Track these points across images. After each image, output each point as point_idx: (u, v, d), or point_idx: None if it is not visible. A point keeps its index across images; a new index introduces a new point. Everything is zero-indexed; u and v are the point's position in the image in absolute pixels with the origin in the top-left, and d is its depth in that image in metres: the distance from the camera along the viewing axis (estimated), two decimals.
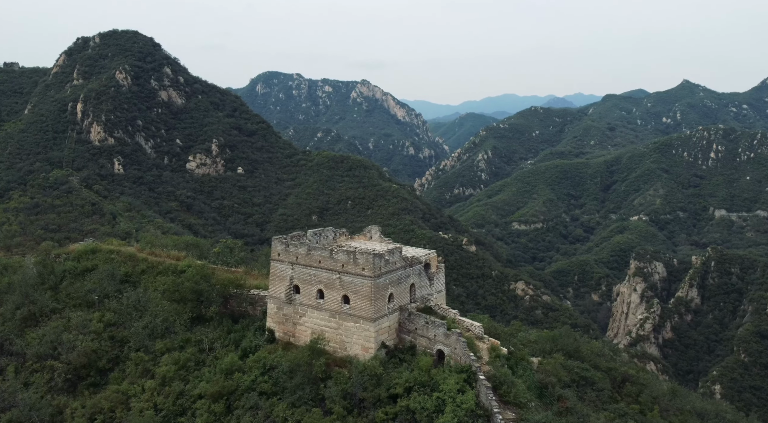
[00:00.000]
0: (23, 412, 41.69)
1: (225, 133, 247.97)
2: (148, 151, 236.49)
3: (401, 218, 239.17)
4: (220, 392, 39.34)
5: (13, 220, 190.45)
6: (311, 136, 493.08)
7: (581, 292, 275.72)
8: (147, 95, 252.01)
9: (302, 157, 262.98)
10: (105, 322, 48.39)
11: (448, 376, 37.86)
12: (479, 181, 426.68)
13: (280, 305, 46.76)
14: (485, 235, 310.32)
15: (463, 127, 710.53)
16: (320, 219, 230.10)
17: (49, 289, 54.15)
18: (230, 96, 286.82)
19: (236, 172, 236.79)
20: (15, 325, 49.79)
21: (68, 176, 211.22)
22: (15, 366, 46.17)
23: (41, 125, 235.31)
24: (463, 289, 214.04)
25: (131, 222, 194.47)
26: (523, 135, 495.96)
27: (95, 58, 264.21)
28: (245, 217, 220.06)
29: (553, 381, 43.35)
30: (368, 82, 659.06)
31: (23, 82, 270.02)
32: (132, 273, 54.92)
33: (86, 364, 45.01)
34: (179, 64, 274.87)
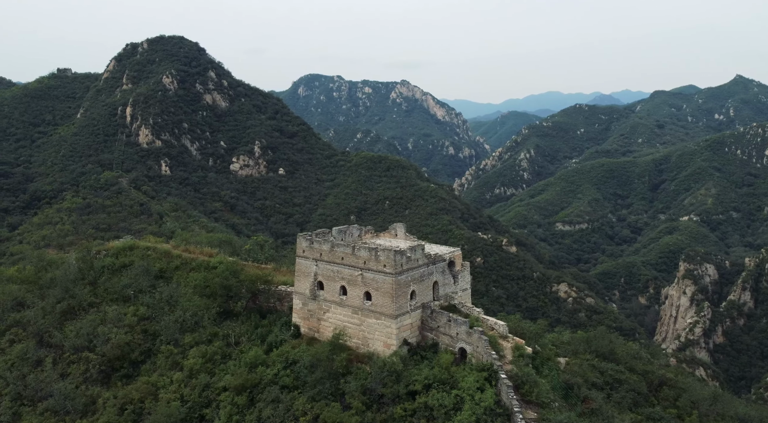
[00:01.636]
0: (58, 401, 43.62)
1: (267, 135, 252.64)
2: (193, 153, 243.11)
3: (439, 218, 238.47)
4: (243, 385, 40.18)
5: (66, 220, 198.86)
6: (351, 137, 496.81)
7: (628, 295, 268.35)
8: (192, 99, 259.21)
9: (341, 157, 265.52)
10: (138, 316, 50.12)
11: (467, 374, 37.56)
12: (521, 181, 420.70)
13: (305, 301, 47.36)
14: (527, 235, 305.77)
15: (505, 126, 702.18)
16: (358, 219, 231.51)
17: (89, 284, 56.42)
18: (272, 99, 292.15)
19: (278, 173, 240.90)
20: (55, 318, 52.12)
21: (118, 178, 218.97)
22: (53, 357, 48.30)
23: (93, 129, 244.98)
24: (503, 291, 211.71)
25: (177, 222, 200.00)
26: (567, 133, 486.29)
27: (143, 64, 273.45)
28: (286, 217, 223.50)
29: (579, 382, 42.42)
30: (408, 83, 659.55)
31: (76, 87, 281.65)
32: (166, 269, 56.64)
33: (120, 356, 46.72)
34: (223, 67, 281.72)
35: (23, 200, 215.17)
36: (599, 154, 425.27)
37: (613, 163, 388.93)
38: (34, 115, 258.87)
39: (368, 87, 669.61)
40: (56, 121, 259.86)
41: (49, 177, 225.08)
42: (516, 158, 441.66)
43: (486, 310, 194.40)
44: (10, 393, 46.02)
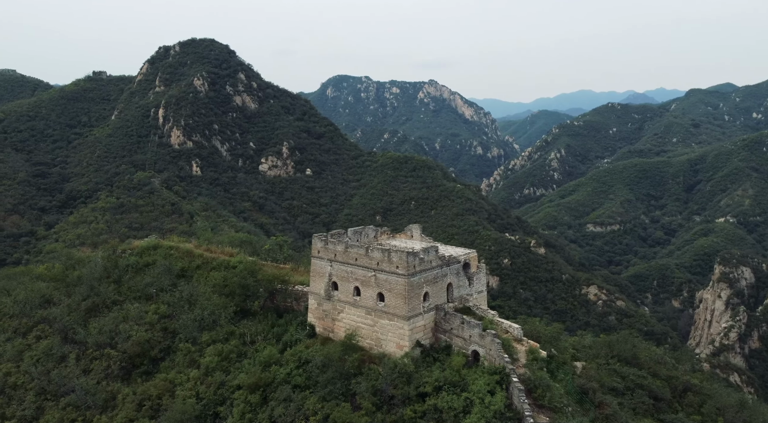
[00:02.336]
0: (80, 396, 44.90)
1: (295, 136, 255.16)
2: (223, 154, 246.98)
3: (465, 219, 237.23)
4: (257, 383, 40.71)
5: (101, 219, 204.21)
6: (378, 138, 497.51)
7: (660, 298, 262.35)
8: (222, 100, 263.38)
9: (367, 158, 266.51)
10: (159, 314, 51.20)
11: (478, 377, 37.33)
12: (551, 181, 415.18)
13: (320, 301, 47.74)
14: (557, 237, 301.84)
15: (535, 125, 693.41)
16: (384, 219, 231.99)
17: (113, 282, 57.92)
18: (300, 100, 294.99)
19: (305, 173, 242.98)
20: (80, 315, 53.65)
21: (150, 178, 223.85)
22: (77, 353, 49.74)
23: (126, 130, 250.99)
24: (531, 293, 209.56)
25: (207, 221, 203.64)
26: (598, 132, 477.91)
27: (175, 66, 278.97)
28: (313, 216, 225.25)
29: (595, 386, 41.73)
30: (436, 82, 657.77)
31: (110, 89, 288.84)
32: (188, 268, 57.71)
33: (140, 353, 47.84)
34: (252, 70, 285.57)
35: (59, 200, 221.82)
36: (632, 153, 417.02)
37: (646, 163, 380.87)
38: (70, 117, 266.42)
39: (396, 87, 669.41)
40: (92, 123, 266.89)
41: (85, 177, 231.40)
42: (546, 158, 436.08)
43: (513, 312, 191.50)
44: (34, 388, 47.60)
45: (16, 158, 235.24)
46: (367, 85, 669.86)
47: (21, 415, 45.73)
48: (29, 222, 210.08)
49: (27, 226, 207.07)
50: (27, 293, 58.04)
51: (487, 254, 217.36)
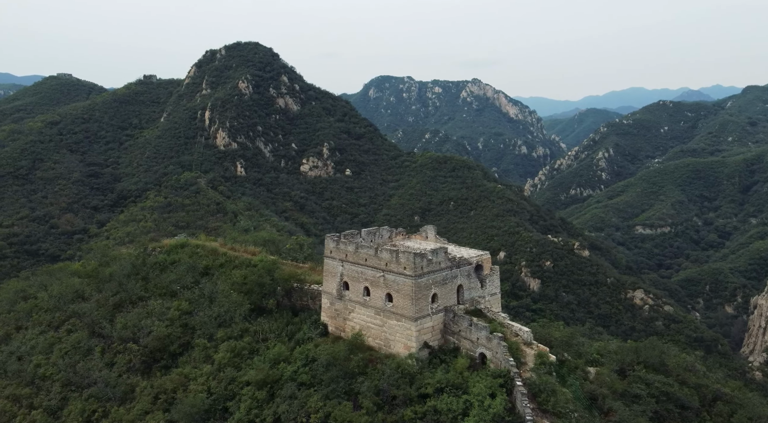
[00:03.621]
0: (101, 389, 46.97)
1: (335, 137, 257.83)
2: (266, 155, 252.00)
3: (506, 220, 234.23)
4: (264, 380, 41.57)
5: (149, 218, 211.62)
6: (419, 138, 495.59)
7: (713, 304, 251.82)
8: (266, 103, 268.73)
9: (406, 158, 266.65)
10: (181, 310, 52.89)
11: (480, 380, 37.08)
12: (599, 181, 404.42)
13: (332, 301, 48.32)
14: (603, 239, 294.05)
15: (583, 124, 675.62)
16: (422, 219, 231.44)
17: (141, 279, 60.18)
18: (341, 101, 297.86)
19: (344, 173, 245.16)
20: (107, 310, 56.03)
21: (197, 178, 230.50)
22: (102, 347, 52.02)
23: (174, 132, 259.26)
24: (574, 297, 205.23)
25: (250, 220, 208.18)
26: (649, 131, 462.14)
27: (221, 69, 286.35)
28: (352, 216, 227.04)
29: (605, 392, 40.71)
30: (479, 81, 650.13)
31: (160, 92, 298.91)
32: (212, 266, 59.36)
33: (160, 348, 49.57)
34: (295, 72, 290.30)
35: (111, 199, 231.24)
36: (684, 153, 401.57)
37: (699, 163, 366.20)
38: (122, 119, 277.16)
39: (438, 87, 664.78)
40: (142, 125, 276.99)
41: (135, 177, 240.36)
42: (593, 157, 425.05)
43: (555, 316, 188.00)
44: (60, 379, 50.02)
45: (71, 159, 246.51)
46: (409, 85, 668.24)
47: (47, 405, 48.19)
48: (82, 220, 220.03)
49: (80, 224, 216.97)
50: (61, 288, 61.03)
51: (528, 256, 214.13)
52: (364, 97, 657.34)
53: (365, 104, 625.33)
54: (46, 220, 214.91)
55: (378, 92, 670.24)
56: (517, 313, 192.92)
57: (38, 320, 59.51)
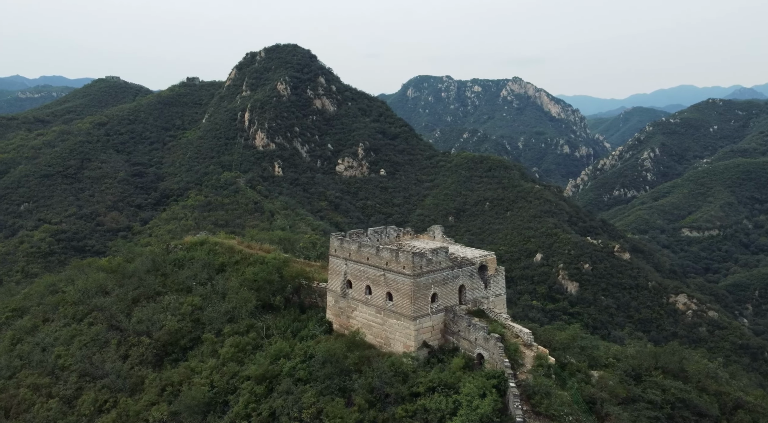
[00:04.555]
0: (113, 380, 48.85)
1: (370, 138, 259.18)
2: (303, 155, 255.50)
3: (543, 221, 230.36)
4: (264, 375, 42.37)
5: (190, 216, 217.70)
6: (457, 137, 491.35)
7: (762, 310, 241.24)
8: (303, 104, 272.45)
9: (441, 158, 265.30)
10: (194, 305, 54.44)
11: (472, 380, 36.88)
12: (644, 182, 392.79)
13: (337, 299, 48.83)
14: (647, 241, 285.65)
15: (629, 123, 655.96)
16: (457, 220, 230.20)
17: (161, 275, 62.21)
18: (377, 102, 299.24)
19: (379, 173, 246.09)
20: (126, 304, 58.14)
21: (236, 178, 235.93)
22: (118, 340, 54.03)
23: (215, 132, 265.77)
24: (614, 300, 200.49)
25: (286, 219, 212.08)
26: (697, 131, 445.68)
27: (261, 71, 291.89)
28: (386, 216, 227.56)
29: (605, 396, 39.78)
30: (520, 80, 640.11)
31: (202, 94, 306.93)
32: (227, 263, 60.80)
33: (171, 341, 51.13)
34: (332, 73, 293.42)
35: (154, 197, 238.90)
36: (735, 153, 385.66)
37: (750, 164, 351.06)
38: (166, 121, 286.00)
39: (478, 85, 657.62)
40: (185, 126, 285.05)
41: (177, 177, 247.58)
42: (638, 157, 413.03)
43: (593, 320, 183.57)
44: (77, 370, 52.18)
45: (117, 159, 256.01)
46: (448, 85, 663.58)
47: (63, 394, 50.39)
48: (127, 218, 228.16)
49: (125, 221, 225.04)
50: (86, 283, 63.66)
51: (566, 259, 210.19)
52: (402, 97, 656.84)
53: (403, 104, 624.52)
54: (93, 218, 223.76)
55: (416, 92, 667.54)
56: (554, 316, 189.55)
57: (63, 313, 62.28)
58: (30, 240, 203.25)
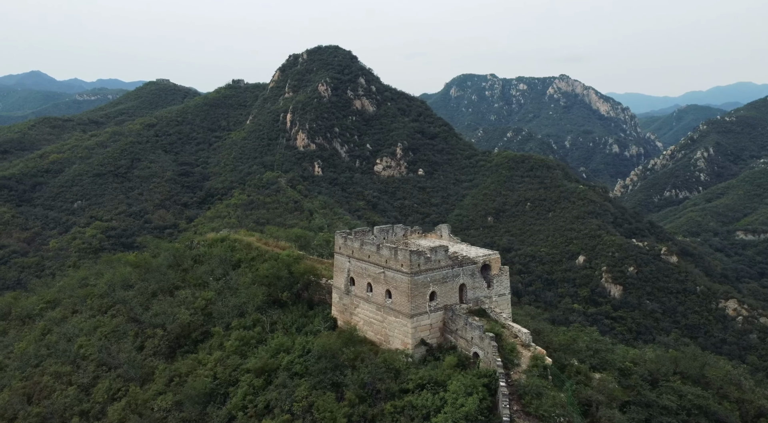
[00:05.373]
0: (126, 370, 51.01)
1: (409, 137, 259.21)
2: (342, 155, 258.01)
3: (586, 222, 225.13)
4: (263, 368, 43.34)
5: (233, 214, 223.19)
6: (501, 137, 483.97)
7: None
8: (344, 105, 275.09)
9: (481, 157, 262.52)
10: (207, 299, 56.12)
11: (461, 378, 36.83)
12: (696, 183, 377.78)
13: (341, 295, 49.41)
14: (699, 244, 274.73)
15: (682, 121, 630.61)
16: (496, 220, 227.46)
17: (182, 271, 64.40)
18: (416, 101, 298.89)
19: (417, 173, 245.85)
20: (146, 298, 60.47)
21: (277, 177, 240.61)
22: (135, 331, 56.30)
23: (259, 133, 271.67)
24: (659, 305, 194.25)
25: (324, 218, 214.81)
26: (755, 129, 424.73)
27: (303, 73, 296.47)
28: (423, 216, 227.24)
29: (601, 399, 38.87)
30: (567, 77, 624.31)
31: (247, 96, 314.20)
32: (244, 259, 62.34)
33: (184, 334, 52.89)
34: (372, 73, 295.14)
35: (200, 196, 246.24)
36: None
37: None
38: (212, 122, 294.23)
39: (523, 84, 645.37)
40: (230, 127, 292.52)
41: (222, 176, 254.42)
42: (691, 157, 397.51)
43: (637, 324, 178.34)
44: (96, 359, 54.67)
45: (165, 159, 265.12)
46: (492, 83, 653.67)
47: (80, 382, 52.94)
48: (173, 216, 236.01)
49: (171, 219, 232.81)
50: (112, 277, 66.53)
51: (609, 261, 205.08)
52: (445, 96, 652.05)
53: (446, 103, 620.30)
54: (141, 216, 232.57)
55: (459, 91, 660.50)
56: (595, 320, 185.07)
57: (90, 305, 65.29)
58: (82, 236, 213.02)
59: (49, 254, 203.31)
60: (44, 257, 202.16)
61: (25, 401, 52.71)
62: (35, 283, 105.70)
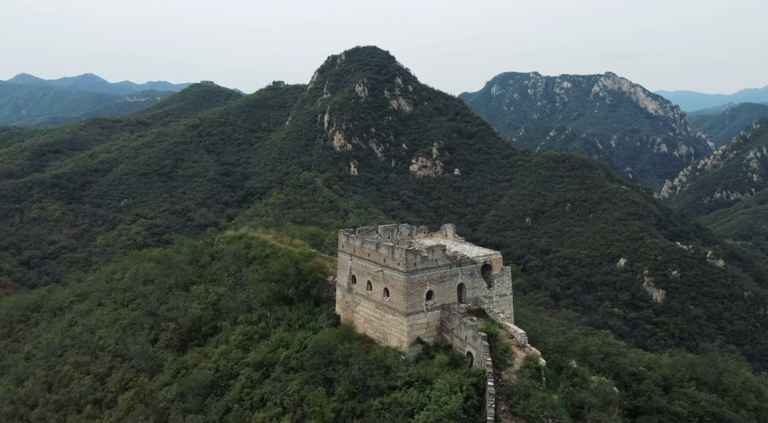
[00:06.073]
0: (138, 361, 53.09)
1: (445, 137, 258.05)
2: (378, 155, 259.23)
3: (629, 224, 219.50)
4: (261, 362, 44.36)
5: (270, 213, 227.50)
6: (543, 136, 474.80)
7: None
8: (380, 105, 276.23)
9: (520, 157, 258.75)
10: (219, 295, 57.70)
11: (447, 376, 36.93)
12: (748, 184, 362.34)
13: (344, 293, 50.01)
14: (750, 248, 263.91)
15: (735, 120, 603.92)
16: (534, 221, 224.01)
17: (200, 267, 66.41)
18: (454, 101, 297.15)
19: (453, 173, 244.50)
20: (163, 292, 62.57)
21: (314, 177, 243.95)
22: (151, 324, 58.37)
23: (297, 134, 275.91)
24: (704, 310, 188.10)
25: (359, 218, 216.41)
26: None
27: (341, 74, 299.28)
28: (458, 216, 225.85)
29: (594, 402, 38.14)
30: (613, 75, 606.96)
31: (286, 97, 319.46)
32: (258, 256, 63.74)
33: (195, 328, 54.56)
34: (410, 73, 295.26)
35: (240, 195, 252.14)
36: None
37: None
38: (253, 123, 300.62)
39: (567, 82, 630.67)
40: (270, 128, 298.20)
41: (261, 176, 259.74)
42: (743, 157, 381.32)
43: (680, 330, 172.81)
44: (112, 350, 57.07)
45: (208, 159, 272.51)
46: (535, 81, 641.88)
47: (97, 372, 55.39)
48: (214, 214, 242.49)
49: (212, 217, 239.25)
50: (136, 272, 69.19)
51: (652, 264, 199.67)
52: (486, 95, 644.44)
53: (487, 102, 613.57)
54: (184, 214, 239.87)
55: (501, 89, 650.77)
56: (636, 325, 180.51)
57: (114, 299, 68.09)
58: (127, 233, 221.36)
59: (96, 250, 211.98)
60: (92, 253, 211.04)
61: (45, 389, 55.54)
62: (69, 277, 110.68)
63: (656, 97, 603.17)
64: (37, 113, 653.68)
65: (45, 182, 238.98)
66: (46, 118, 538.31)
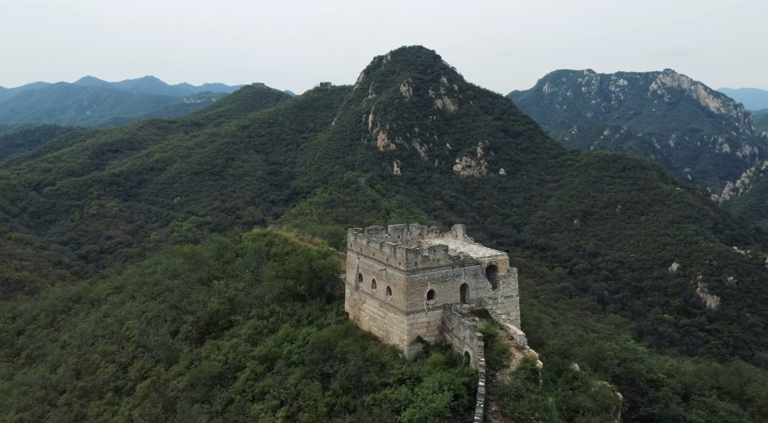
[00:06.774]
0: (156, 352, 55.52)
1: (491, 136, 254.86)
2: (421, 155, 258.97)
3: (682, 227, 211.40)
4: (266, 356, 45.58)
5: (314, 212, 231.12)
6: (597, 135, 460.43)
7: None
8: (425, 104, 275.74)
9: (569, 157, 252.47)
10: (237, 290, 59.56)
11: (438, 375, 37.09)
12: None
13: (352, 291, 50.71)
14: None
15: None
16: (583, 223, 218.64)
17: (224, 263, 68.65)
18: (500, 99, 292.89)
19: (498, 173, 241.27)
20: (188, 287, 65.06)
21: (357, 177, 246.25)
22: (173, 317, 60.74)
23: (342, 134, 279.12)
24: (761, 318, 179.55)
25: (401, 217, 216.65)
26: None
27: (386, 74, 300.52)
28: (503, 217, 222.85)
29: (589, 406, 37.33)
30: (672, 72, 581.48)
31: (333, 98, 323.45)
32: (279, 253, 65.32)
33: (212, 321, 56.49)
34: (455, 72, 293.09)
35: (286, 194, 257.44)
36: None
37: None
38: (300, 123, 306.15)
39: (623, 79, 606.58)
40: (316, 128, 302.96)
41: (307, 176, 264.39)
42: None
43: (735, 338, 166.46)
44: (136, 341, 59.82)
45: (257, 159, 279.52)
46: (589, 79, 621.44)
47: (120, 361, 58.26)
48: (261, 212, 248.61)
49: (259, 215, 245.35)
50: (166, 266, 72.14)
51: (706, 270, 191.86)
52: (537, 93, 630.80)
53: (538, 101, 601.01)
54: (233, 212, 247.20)
55: (553, 87, 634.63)
56: (687, 332, 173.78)
57: (144, 292, 71.32)
58: (179, 230, 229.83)
59: (150, 246, 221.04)
60: (145, 248, 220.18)
61: (74, 376, 58.84)
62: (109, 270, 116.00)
63: (718, 95, 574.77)
64: (100, 114, 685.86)
65: (104, 180, 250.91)
66: (109, 119, 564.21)
